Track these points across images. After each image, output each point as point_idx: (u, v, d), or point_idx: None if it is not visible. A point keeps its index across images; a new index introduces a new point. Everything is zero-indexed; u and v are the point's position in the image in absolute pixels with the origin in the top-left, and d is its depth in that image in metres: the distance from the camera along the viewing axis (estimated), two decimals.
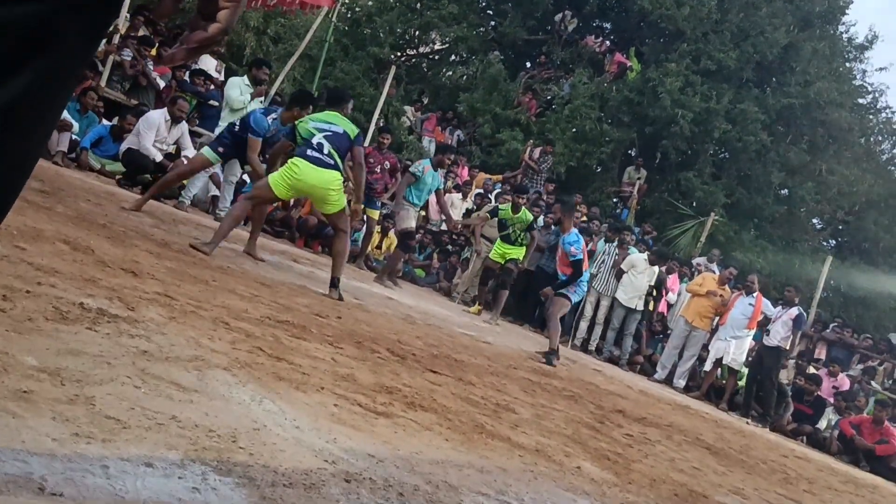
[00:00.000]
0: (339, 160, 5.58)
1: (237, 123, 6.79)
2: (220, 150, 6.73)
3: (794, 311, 10.17)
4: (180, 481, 1.53)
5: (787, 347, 10.34)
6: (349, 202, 6.11)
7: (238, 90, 8.77)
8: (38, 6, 0.75)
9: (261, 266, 5.85)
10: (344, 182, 5.85)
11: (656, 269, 10.99)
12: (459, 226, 11.22)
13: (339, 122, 5.70)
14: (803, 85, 17.31)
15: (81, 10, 0.80)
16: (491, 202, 12.51)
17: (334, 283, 5.55)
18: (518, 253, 10.06)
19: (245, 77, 9.04)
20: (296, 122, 5.84)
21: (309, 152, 5.49)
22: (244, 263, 5.57)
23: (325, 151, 5.51)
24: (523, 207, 9.98)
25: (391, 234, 11.01)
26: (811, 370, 11.72)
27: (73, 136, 8.99)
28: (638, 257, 10.95)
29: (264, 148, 6.75)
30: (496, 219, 10.16)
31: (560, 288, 7.52)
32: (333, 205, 5.65)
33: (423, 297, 9.53)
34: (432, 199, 10.49)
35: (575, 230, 7.67)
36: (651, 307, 11.52)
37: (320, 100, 7.05)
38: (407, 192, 9.00)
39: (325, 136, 5.56)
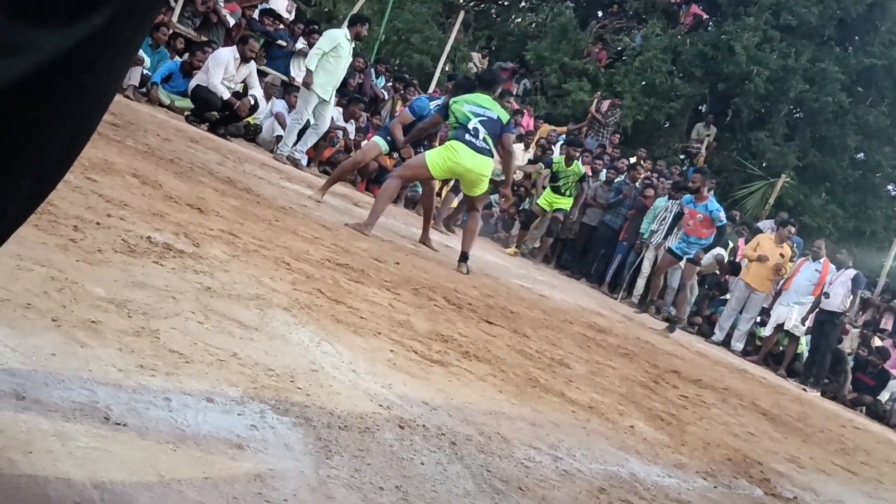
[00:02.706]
0: (492, 146, 5.74)
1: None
2: (389, 138, 6.92)
3: (851, 272, 9.90)
4: (239, 418, 1.56)
5: (846, 310, 10.09)
6: (498, 188, 6.29)
7: (328, 43, 8.67)
8: None
9: (322, 209, 5.90)
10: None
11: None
12: (520, 172, 11.48)
13: (493, 108, 5.81)
14: (887, 45, 16.54)
15: None
16: (553, 153, 12.52)
17: (463, 258, 5.71)
18: (566, 203, 10.49)
19: (347, 32, 8.88)
20: (449, 102, 5.91)
21: (467, 137, 5.62)
22: (305, 204, 5.62)
23: (481, 137, 5.65)
24: (576, 160, 10.35)
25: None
26: (876, 340, 11.42)
27: (145, 71, 9.12)
28: (720, 249, 10.76)
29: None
30: (549, 170, 10.50)
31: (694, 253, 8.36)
32: (481, 188, 5.87)
33: (479, 246, 9.51)
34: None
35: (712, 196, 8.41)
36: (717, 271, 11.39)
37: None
38: None
39: (480, 122, 5.67)
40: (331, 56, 8.67)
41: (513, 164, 6.31)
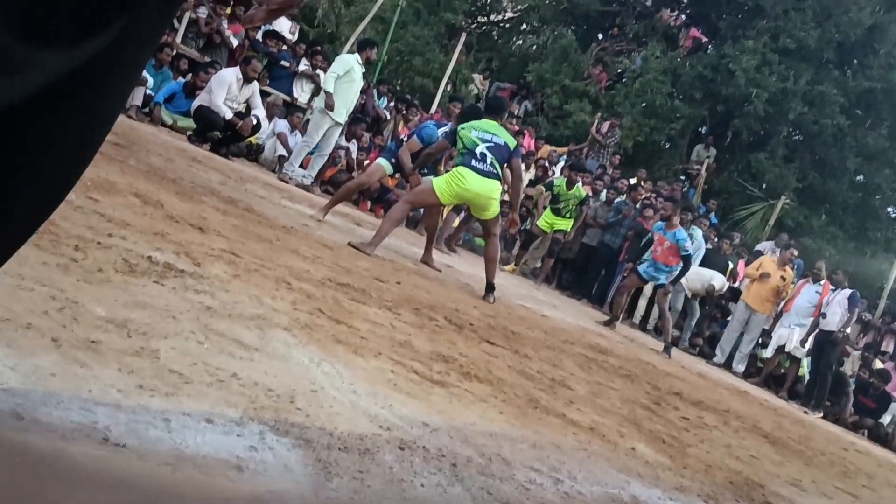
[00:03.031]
0: (499, 170, 5.81)
1: (405, 138, 7.05)
2: (393, 160, 7.09)
3: (847, 291, 9.92)
4: (239, 439, 1.55)
5: (846, 330, 10.07)
6: (505, 211, 6.33)
7: (342, 67, 8.91)
8: None
9: (324, 228, 5.90)
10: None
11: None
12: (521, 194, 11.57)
13: (500, 134, 5.88)
14: (886, 68, 16.58)
15: None
16: (555, 173, 12.61)
17: (490, 289, 5.78)
18: (566, 224, 10.64)
19: (358, 56, 9.15)
20: (457, 128, 5.99)
21: (473, 163, 5.69)
22: (307, 224, 5.62)
23: (488, 161, 5.72)
24: (578, 184, 10.53)
25: None
26: (877, 363, 11.38)
27: (148, 91, 9.16)
28: (719, 278, 10.78)
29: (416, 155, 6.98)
30: (549, 192, 10.68)
31: (663, 281, 8.56)
32: (491, 212, 5.91)
33: (481, 265, 9.49)
34: None
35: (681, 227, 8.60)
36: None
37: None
38: None
39: (487, 147, 5.74)
40: (344, 80, 8.90)
41: (520, 189, 6.37)
